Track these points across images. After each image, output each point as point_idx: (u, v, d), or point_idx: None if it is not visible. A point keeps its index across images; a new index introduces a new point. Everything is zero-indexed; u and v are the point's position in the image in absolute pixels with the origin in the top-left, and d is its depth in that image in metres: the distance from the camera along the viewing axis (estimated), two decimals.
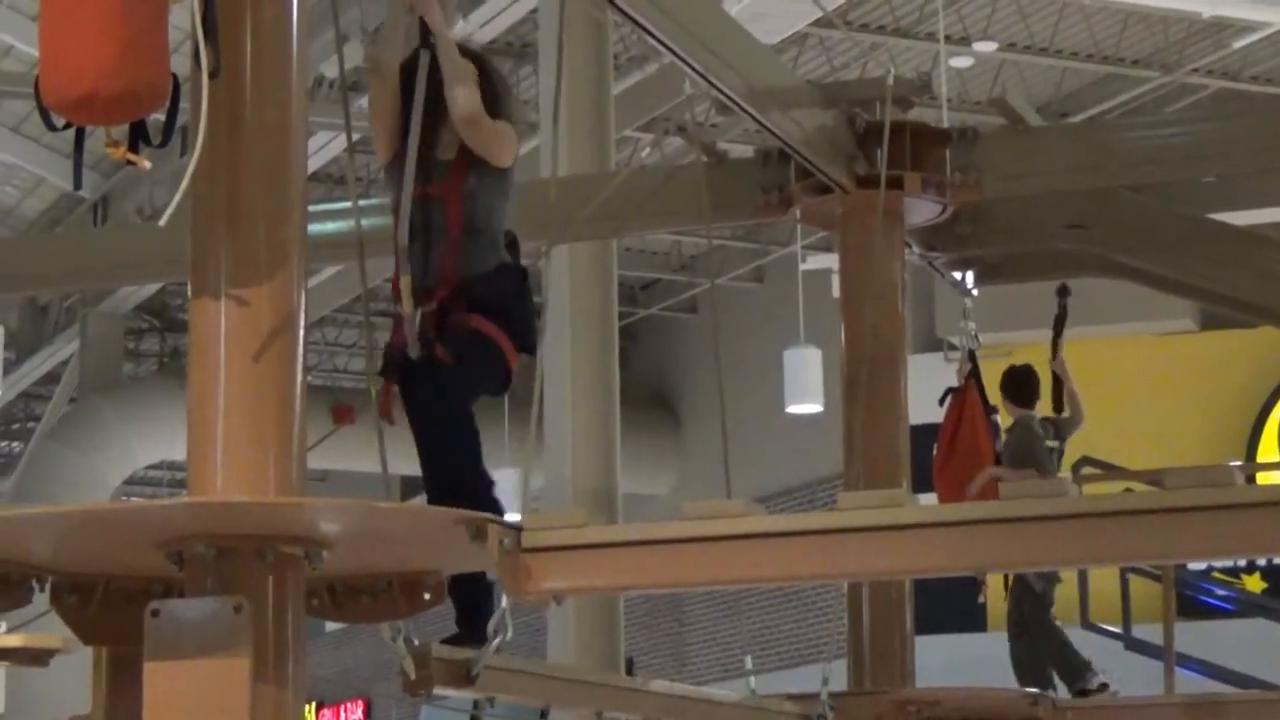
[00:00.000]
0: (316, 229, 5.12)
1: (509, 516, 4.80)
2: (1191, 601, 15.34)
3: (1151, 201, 10.41)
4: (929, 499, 9.37)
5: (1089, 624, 13.45)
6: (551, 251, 9.86)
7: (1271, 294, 10.40)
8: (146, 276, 14.83)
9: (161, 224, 4.40)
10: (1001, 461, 9.93)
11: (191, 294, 4.50)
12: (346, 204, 8.39)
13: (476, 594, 5.76)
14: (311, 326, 4.33)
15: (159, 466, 23.11)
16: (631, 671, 18.56)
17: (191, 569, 4.32)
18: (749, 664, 8.30)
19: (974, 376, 10.15)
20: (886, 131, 8.85)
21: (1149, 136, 10.10)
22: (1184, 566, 14.06)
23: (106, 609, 4.68)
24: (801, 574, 5.05)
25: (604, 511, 10.95)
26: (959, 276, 10.44)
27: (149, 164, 4.36)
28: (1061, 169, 9.68)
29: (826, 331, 12.85)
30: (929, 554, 4.50)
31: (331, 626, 23.69)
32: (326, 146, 15.73)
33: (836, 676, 8.14)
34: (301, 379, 4.51)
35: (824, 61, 17.09)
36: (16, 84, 15.80)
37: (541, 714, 10.67)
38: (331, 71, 14.54)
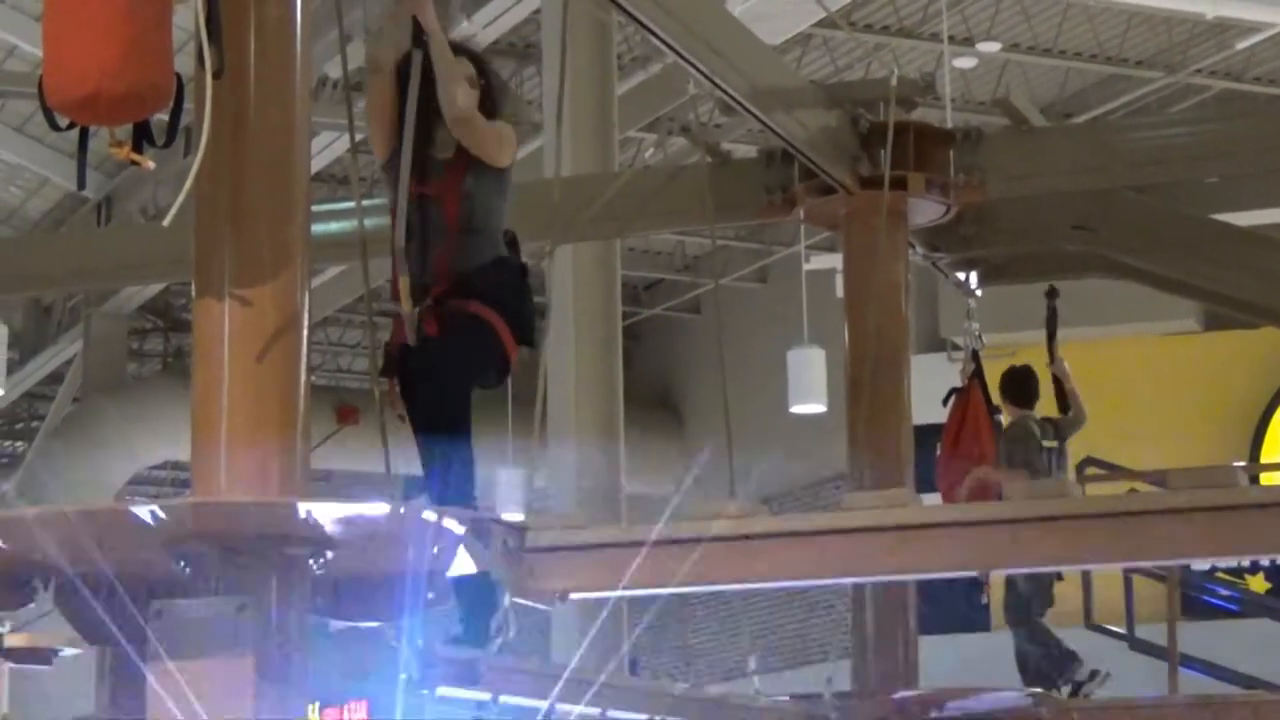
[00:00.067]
0: (320, 229, 5.13)
1: (513, 517, 4.80)
2: (1195, 602, 15.30)
3: (1155, 202, 10.41)
4: (932, 499, 9.37)
5: (1093, 624, 13.44)
6: (555, 252, 9.87)
7: (1275, 294, 10.40)
8: (150, 276, 14.81)
9: (165, 224, 4.41)
10: (1000, 462, 9.93)
11: (195, 294, 4.50)
12: (350, 204, 8.39)
13: (480, 594, 5.75)
14: (315, 326, 4.33)
15: (163, 466, 23.08)
16: (635, 671, 18.58)
17: (195, 569, 4.33)
18: (753, 664, 8.30)
19: (977, 377, 10.15)
20: (890, 132, 8.85)
21: (1152, 137, 10.10)
22: (1188, 567, 14.03)
23: (110, 608, 4.67)
24: (805, 574, 5.06)
25: (607, 512, 10.99)
26: (963, 277, 10.45)
27: (153, 164, 4.37)
28: (1065, 169, 9.68)
29: (830, 332, 12.85)
30: (933, 554, 4.50)
31: (335, 625, 23.64)
32: (330, 147, 15.71)
33: (840, 677, 8.14)
34: (305, 379, 4.52)
35: (828, 62, 17.08)
36: (20, 84, 15.79)
37: (544, 714, 10.66)
38: (335, 72, 14.54)
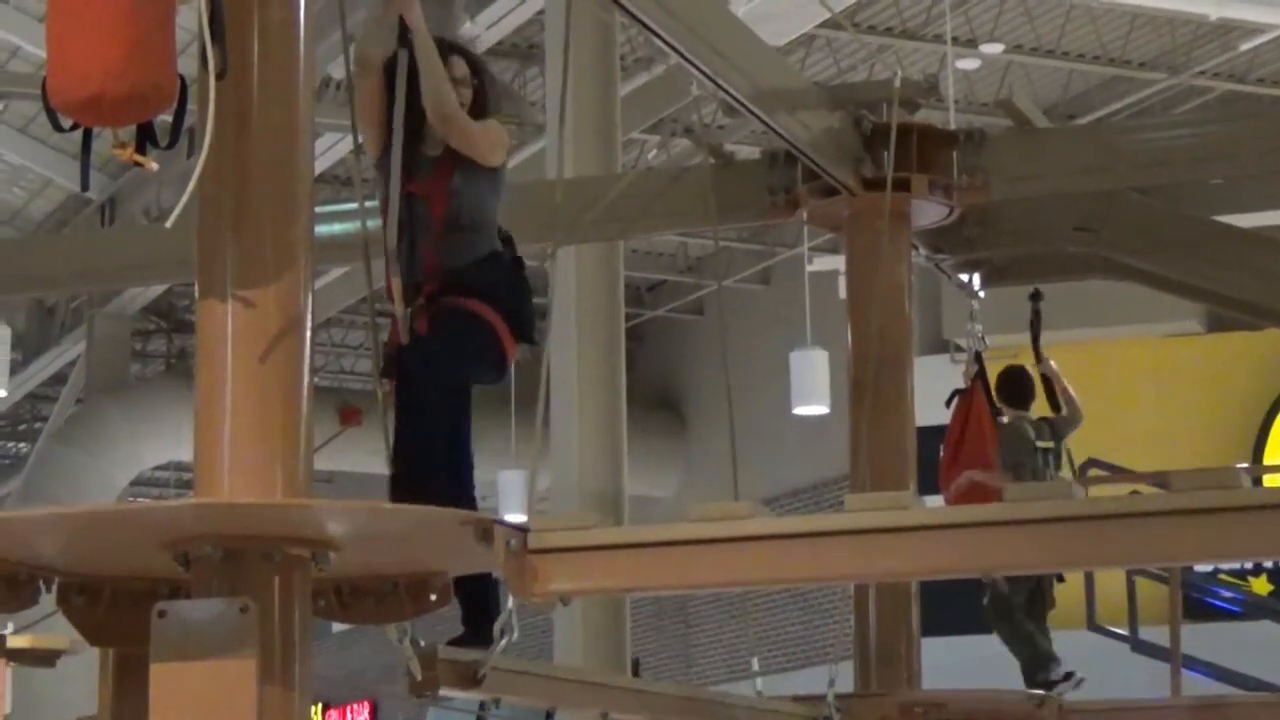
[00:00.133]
0: (323, 230, 5.13)
1: (515, 518, 4.80)
2: (1198, 604, 15.30)
3: (1158, 203, 10.41)
4: (935, 501, 9.36)
5: (1095, 626, 13.45)
6: (558, 253, 9.86)
7: (1277, 296, 10.39)
8: (153, 278, 14.81)
9: (168, 225, 4.41)
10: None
11: (199, 295, 4.50)
12: (353, 205, 8.38)
13: (483, 595, 5.75)
14: (318, 327, 4.32)
15: (166, 467, 23.11)
16: (638, 673, 18.60)
17: (198, 570, 4.32)
18: (755, 665, 8.29)
19: (980, 378, 10.15)
20: (893, 133, 8.85)
21: (1156, 138, 10.10)
22: (1191, 569, 14.04)
23: (113, 610, 4.68)
24: (807, 576, 5.05)
25: (610, 513, 10.99)
26: (966, 278, 10.44)
27: (156, 165, 4.37)
28: (1068, 171, 9.68)
29: (833, 333, 12.85)
30: (935, 556, 4.50)
31: (338, 627, 23.69)
32: (333, 148, 15.71)
33: (843, 678, 8.14)
34: (308, 380, 4.51)
35: (831, 63, 17.08)
36: (24, 85, 15.80)
37: (547, 715, 10.68)
38: (338, 73, 14.53)
